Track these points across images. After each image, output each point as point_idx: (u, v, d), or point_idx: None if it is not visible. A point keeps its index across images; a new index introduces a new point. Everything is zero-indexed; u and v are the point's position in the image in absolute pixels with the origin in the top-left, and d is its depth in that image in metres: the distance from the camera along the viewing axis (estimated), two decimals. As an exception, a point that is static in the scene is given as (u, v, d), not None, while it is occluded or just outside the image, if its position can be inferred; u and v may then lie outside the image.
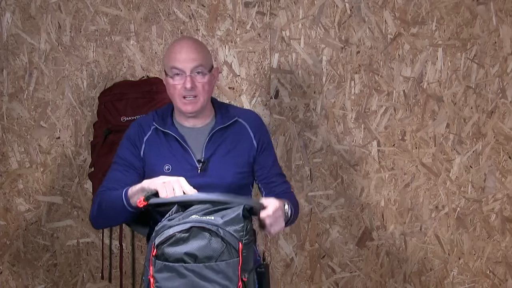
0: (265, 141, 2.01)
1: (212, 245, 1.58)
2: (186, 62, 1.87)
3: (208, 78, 1.90)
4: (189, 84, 1.86)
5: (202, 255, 1.57)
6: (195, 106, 1.91)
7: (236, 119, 1.99)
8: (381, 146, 2.72)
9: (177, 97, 1.90)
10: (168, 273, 1.58)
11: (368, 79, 2.69)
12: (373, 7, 2.65)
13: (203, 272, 1.57)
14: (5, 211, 2.73)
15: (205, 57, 1.91)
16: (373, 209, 2.76)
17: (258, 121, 2.05)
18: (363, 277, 2.79)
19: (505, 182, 2.74)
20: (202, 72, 1.89)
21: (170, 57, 1.90)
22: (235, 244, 1.60)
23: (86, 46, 2.65)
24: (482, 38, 2.66)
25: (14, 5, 2.63)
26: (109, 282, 2.76)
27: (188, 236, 1.58)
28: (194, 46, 1.91)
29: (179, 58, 1.87)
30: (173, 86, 1.89)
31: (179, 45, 1.91)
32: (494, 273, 2.80)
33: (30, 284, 2.78)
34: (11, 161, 2.71)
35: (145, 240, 2.75)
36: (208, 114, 1.99)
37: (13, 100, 2.67)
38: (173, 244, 1.58)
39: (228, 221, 1.61)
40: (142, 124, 2.00)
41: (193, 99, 1.89)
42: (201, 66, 1.88)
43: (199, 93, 1.89)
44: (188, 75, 1.87)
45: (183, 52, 1.88)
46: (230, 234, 1.60)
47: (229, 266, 1.59)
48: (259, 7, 2.65)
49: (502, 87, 2.69)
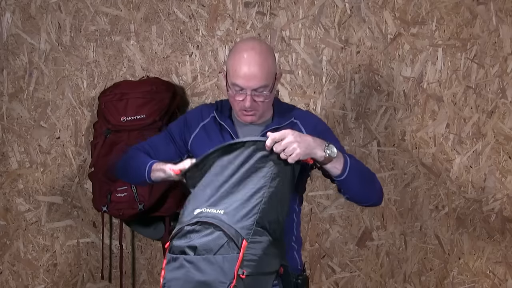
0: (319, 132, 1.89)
1: (213, 238, 1.61)
2: (249, 82, 1.81)
3: (269, 96, 1.87)
4: (248, 104, 1.83)
5: (201, 247, 1.61)
6: (254, 118, 1.89)
7: (292, 119, 1.95)
8: (381, 146, 2.72)
9: (237, 108, 1.89)
10: (173, 264, 1.64)
11: (368, 79, 2.69)
12: (373, 7, 2.65)
13: (199, 263, 1.61)
14: (5, 211, 2.73)
15: (269, 73, 1.84)
16: (373, 209, 2.75)
17: (312, 117, 2.01)
18: (363, 277, 2.79)
19: (505, 182, 2.74)
20: (263, 92, 1.84)
21: (233, 71, 1.83)
22: (237, 240, 1.61)
23: (86, 46, 2.65)
24: (482, 38, 2.66)
25: (14, 5, 2.63)
26: (109, 282, 2.77)
27: (193, 230, 1.63)
28: (259, 62, 1.82)
29: (242, 76, 1.81)
30: (233, 97, 1.87)
31: (244, 59, 1.83)
32: (494, 273, 2.80)
33: (30, 284, 2.78)
34: (11, 161, 2.71)
35: (145, 240, 2.76)
36: (266, 115, 1.95)
37: (13, 100, 2.67)
38: (180, 237, 1.65)
39: (238, 217, 1.63)
40: (203, 110, 2.01)
41: (252, 112, 1.87)
42: (262, 87, 1.83)
43: (259, 108, 1.87)
44: (249, 95, 1.82)
45: (247, 69, 1.81)
46: (235, 230, 1.62)
47: (226, 260, 1.60)
48: (259, 7, 2.65)
49: (502, 87, 2.69)
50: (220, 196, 1.68)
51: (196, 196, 1.73)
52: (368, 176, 1.86)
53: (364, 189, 1.85)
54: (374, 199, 1.89)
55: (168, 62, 2.67)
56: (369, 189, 1.86)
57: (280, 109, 1.98)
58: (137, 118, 2.50)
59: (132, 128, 2.50)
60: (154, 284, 2.78)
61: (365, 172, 1.86)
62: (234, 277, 1.59)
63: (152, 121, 2.48)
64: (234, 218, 1.63)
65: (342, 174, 1.78)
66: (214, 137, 1.94)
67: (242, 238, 1.61)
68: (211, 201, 1.68)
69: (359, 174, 1.81)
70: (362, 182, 1.83)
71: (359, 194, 1.86)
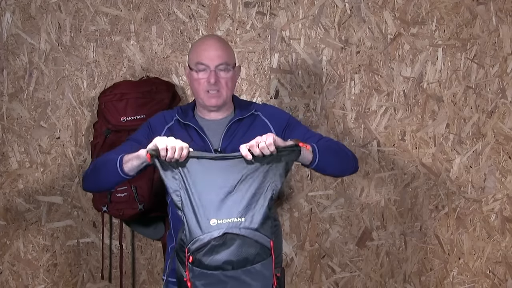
0: (283, 121, 2.05)
1: (246, 249, 1.66)
2: (212, 58, 1.96)
3: (231, 75, 1.99)
4: (213, 79, 1.95)
5: (238, 261, 1.66)
6: (219, 100, 1.98)
7: (253, 111, 2.06)
8: (381, 146, 2.72)
9: (201, 91, 1.98)
10: (207, 280, 1.67)
11: (368, 79, 2.69)
12: (373, 7, 2.65)
13: (241, 277, 1.66)
14: (5, 211, 2.73)
15: (230, 55, 2.01)
16: (373, 209, 2.76)
17: (271, 108, 2.12)
18: (363, 277, 2.79)
19: (505, 182, 2.74)
20: (226, 69, 1.97)
21: (197, 53, 1.98)
22: (267, 244, 1.69)
23: (86, 46, 2.66)
24: (482, 38, 2.66)
25: (14, 5, 2.63)
26: (109, 282, 2.77)
27: (222, 243, 1.66)
28: (219, 44, 2.00)
29: (206, 54, 1.96)
30: (198, 80, 1.97)
31: (205, 42, 2.00)
32: (494, 273, 2.80)
33: (30, 284, 2.78)
34: (11, 161, 2.71)
35: (145, 240, 2.76)
36: (228, 109, 2.06)
37: (13, 100, 2.67)
38: (209, 253, 1.67)
39: (259, 222, 1.68)
40: (165, 115, 2.09)
41: (216, 93, 1.97)
42: (225, 63, 1.97)
43: (222, 88, 1.98)
44: (213, 70, 1.95)
45: (209, 49, 1.97)
46: (262, 234, 1.68)
47: (264, 266, 1.68)
48: (259, 7, 2.65)
49: (502, 87, 2.69)
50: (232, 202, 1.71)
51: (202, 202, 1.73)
52: (339, 151, 1.95)
53: (339, 164, 1.95)
54: (351, 169, 2.00)
55: (168, 62, 2.67)
56: (343, 161, 1.96)
57: (240, 104, 2.10)
58: (137, 118, 2.50)
59: (132, 128, 2.49)
60: (154, 284, 2.78)
61: (335, 149, 1.94)
62: (274, 279, 1.70)
63: (152, 121, 2.48)
64: (255, 222, 1.68)
65: (314, 161, 1.85)
66: (181, 137, 1.95)
67: (269, 239, 1.70)
68: (224, 210, 1.70)
69: (329, 153, 1.90)
70: (335, 159, 1.93)
71: (335, 170, 1.97)
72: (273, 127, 2.02)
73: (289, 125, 2.04)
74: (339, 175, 2.09)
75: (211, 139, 1.99)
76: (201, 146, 1.97)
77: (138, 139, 2.01)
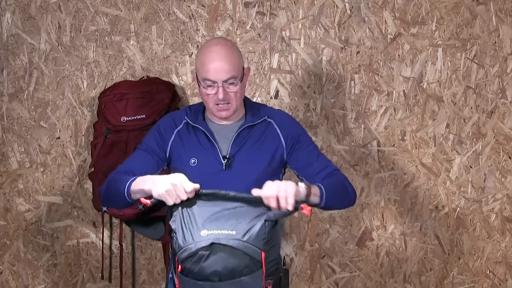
0: (295, 136, 1.99)
1: (234, 260, 1.63)
2: (218, 72, 1.87)
3: (239, 86, 1.91)
4: (221, 95, 1.88)
5: (225, 272, 1.62)
6: (229, 112, 1.93)
7: (265, 118, 2.00)
8: (381, 146, 2.72)
9: (211, 103, 1.92)
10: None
11: (368, 79, 2.69)
12: (373, 7, 2.65)
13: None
14: (5, 211, 2.73)
15: (237, 65, 1.90)
16: (373, 209, 2.76)
17: (285, 117, 2.06)
18: (363, 277, 2.79)
19: (505, 182, 2.74)
20: (234, 82, 1.89)
21: (203, 65, 1.89)
22: (257, 256, 1.64)
23: (86, 46, 2.66)
24: (482, 38, 2.66)
25: (14, 5, 2.63)
26: (109, 282, 2.77)
27: (209, 253, 1.63)
28: (225, 53, 1.88)
29: (212, 69, 1.87)
30: (206, 95, 1.91)
31: (212, 51, 1.89)
32: (494, 273, 2.80)
33: (30, 284, 2.78)
34: (11, 161, 2.71)
35: (145, 240, 2.76)
36: (239, 113, 2.00)
37: (13, 100, 2.67)
38: (197, 262, 1.64)
39: (251, 235, 1.64)
40: (174, 117, 2.04)
41: (226, 105, 1.91)
42: (232, 78, 1.88)
43: (232, 100, 1.91)
44: (220, 87, 1.87)
45: (215, 61, 1.87)
46: (253, 246, 1.64)
47: (253, 279, 1.64)
48: (259, 7, 2.65)
49: (502, 87, 2.69)
50: (224, 215, 1.69)
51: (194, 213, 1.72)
52: (342, 191, 1.93)
53: (341, 204, 1.96)
54: (348, 206, 1.99)
55: (168, 62, 2.67)
56: (345, 200, 1.95)
57: (252, 108, 2.03)
58: (137, 118, 2.50)
59: (132, 128, 2.50)
60: (154, 284, 2.78)
61: (339, 190, 1.92)
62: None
63: (152, 121, 2.48)
64: (246, 235, 1.64)
65: (321, 202, 1.83)
66: (190, 142, 1.96)
67: (260, 250, 1.65)
68: (216, 222, 1.68)
69: (334, 195, 1.87)
70: (338, 201, 1.92)
71: (336, 208, 1.98)
72: (283, 138, 1.97)
73: (300, 141, 1.98)
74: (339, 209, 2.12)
75: (220, 145, 1.95)
76: (210, 151, 1.94)
77: (149, 147, 1.98)
